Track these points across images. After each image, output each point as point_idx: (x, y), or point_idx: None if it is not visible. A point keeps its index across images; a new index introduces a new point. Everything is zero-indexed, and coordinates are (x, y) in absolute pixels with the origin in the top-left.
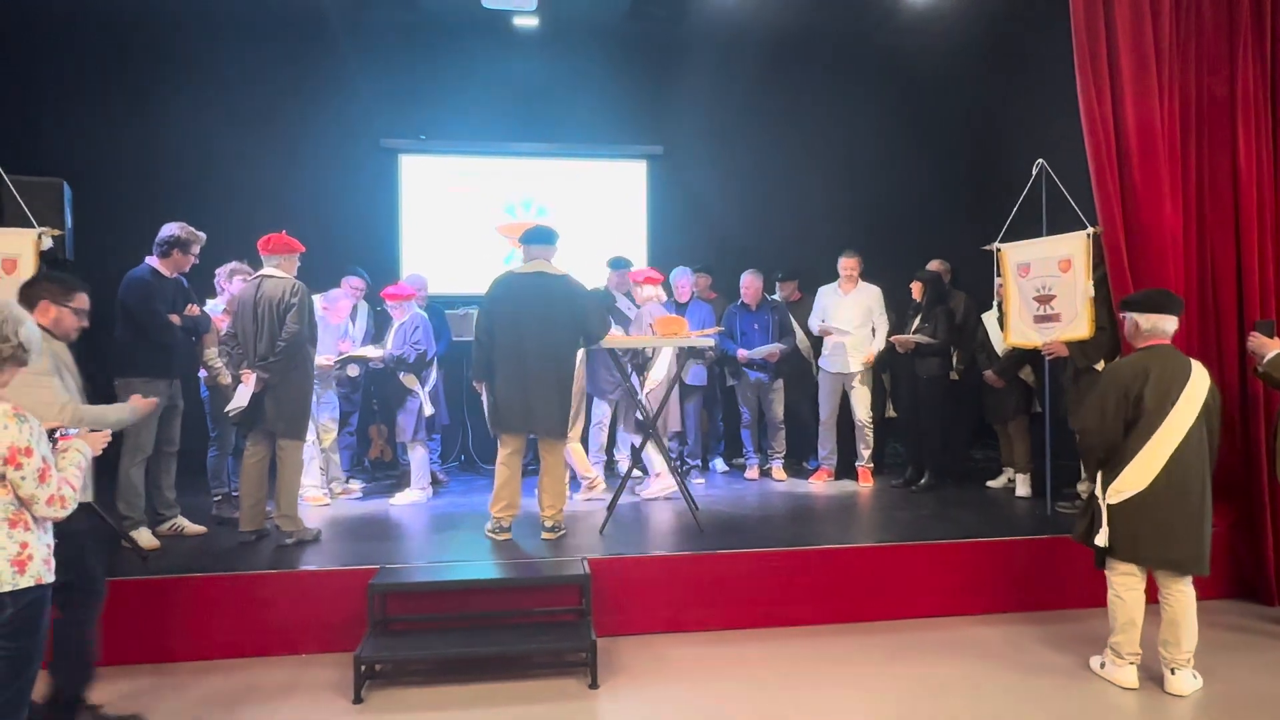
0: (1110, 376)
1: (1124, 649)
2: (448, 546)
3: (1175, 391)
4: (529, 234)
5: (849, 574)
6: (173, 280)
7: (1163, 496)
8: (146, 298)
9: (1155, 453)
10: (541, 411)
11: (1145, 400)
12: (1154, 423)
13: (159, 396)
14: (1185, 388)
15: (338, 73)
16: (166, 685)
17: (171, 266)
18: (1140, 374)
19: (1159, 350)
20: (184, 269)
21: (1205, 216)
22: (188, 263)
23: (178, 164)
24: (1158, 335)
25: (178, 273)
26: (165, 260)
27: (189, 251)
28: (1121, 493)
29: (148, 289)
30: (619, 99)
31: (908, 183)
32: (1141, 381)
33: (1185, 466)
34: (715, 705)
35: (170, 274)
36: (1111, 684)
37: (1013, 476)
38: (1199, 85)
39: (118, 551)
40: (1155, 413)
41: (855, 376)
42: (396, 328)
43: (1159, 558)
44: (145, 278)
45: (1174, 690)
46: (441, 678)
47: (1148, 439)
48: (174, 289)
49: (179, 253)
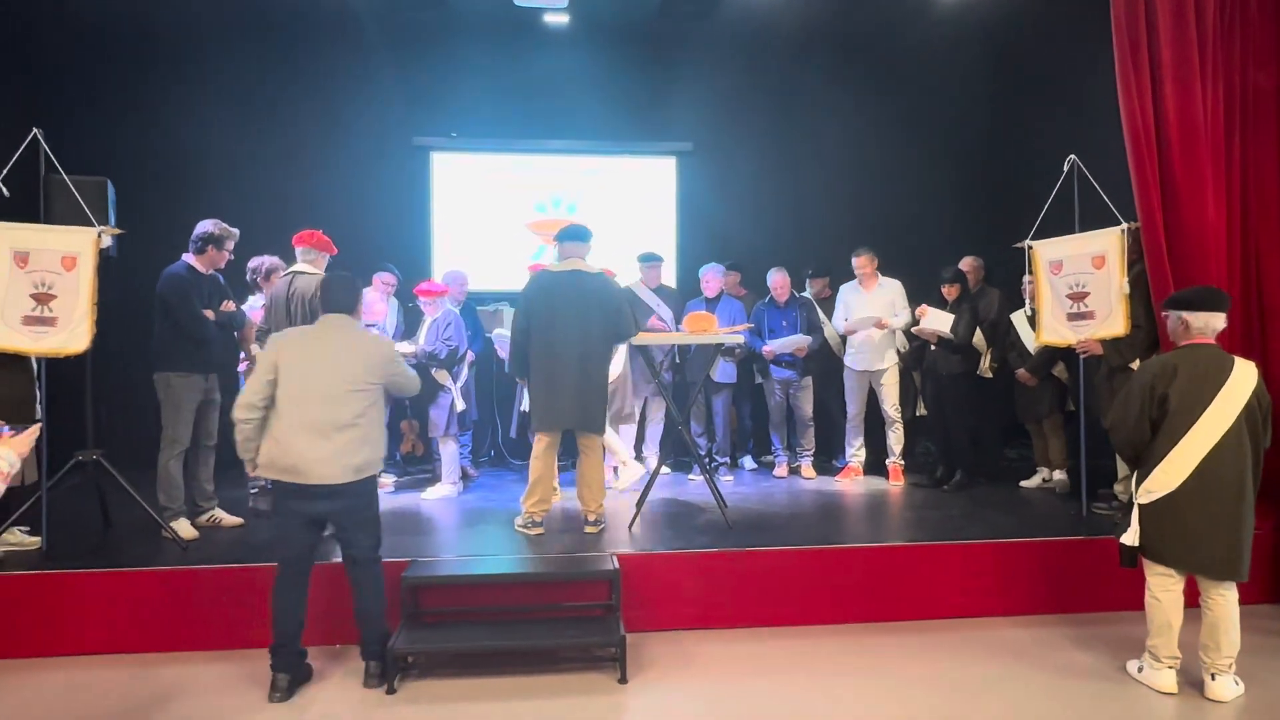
0: (1138, 375)
1: (1161, 652)
2: (479, 541)
3: (1209, 392)
4: (564, 232)
5: (878, 573)
6: (209, 277)
7: (1192, 499)
8: (183, 293)
9: (1186, 454)
10: (578, 407)
11: (1170, 400)
12: (1183, 423)
13: (195, 391)
14: (1223, 388)
15: (370, 72)
16: (208, 673)
17: (207, 263)
18: (1167, 373)
19: (1195, 349)
20: (219, 265)
21: (1249, 212)
22: (223, 259)
23: (212, 163)
24: (1207, 334)
25: (213, 269)
26: (201, 257)
27: (224, 248)
28: (1151, 493)
29: (184, 285)
30: (648, 96)
31: (937, 179)
32: (1167, 381)
33: (1220, 469)
34: (744, 702)
35: (206, 270)
36: (1150, 688)
37: (1048, 476)
38: (1244, 77)
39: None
40: (1184, 413)
41: (882, 373)
42: (430, 324)
43: (1186, 560)
44: (182, 274)
45: (1214, 696)
46: (472, 670)
47: (1177, 440)
48: (210, 285)
49: (214, 249)
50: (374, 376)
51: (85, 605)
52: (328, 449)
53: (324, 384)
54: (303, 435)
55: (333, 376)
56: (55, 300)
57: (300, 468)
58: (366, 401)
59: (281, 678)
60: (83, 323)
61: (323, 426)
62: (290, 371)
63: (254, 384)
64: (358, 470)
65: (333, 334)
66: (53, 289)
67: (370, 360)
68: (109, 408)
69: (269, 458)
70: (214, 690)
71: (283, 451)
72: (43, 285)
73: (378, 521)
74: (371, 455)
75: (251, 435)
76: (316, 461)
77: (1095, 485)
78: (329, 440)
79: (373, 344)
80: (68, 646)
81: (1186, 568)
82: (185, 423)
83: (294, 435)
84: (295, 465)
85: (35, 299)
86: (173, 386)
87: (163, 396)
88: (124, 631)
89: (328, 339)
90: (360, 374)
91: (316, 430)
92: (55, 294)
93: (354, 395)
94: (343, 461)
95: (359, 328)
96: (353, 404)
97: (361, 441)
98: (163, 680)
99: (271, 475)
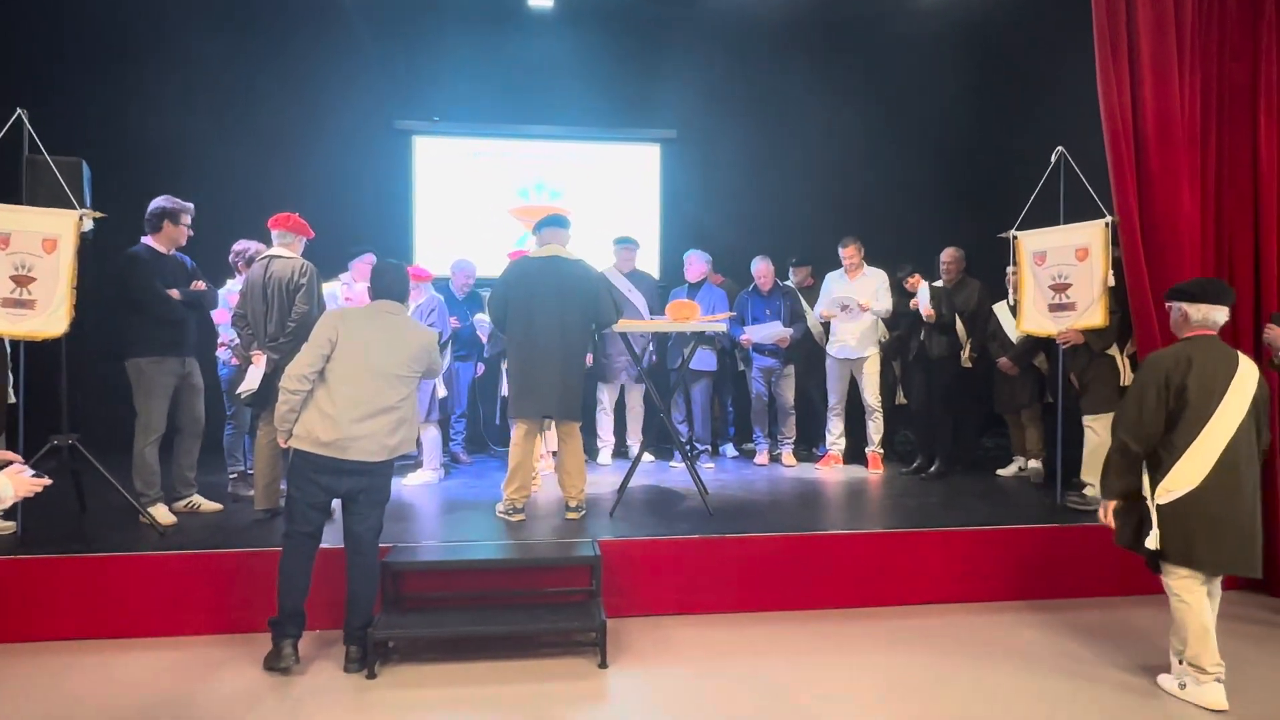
0: (1149, 367)
1: (1205, 661)
2: (460, 527)
3: (1222, 384)
4: (543, 220)
5: (857, 560)
6: (171, 257)
7: (1216, 494)
8: (143, 273)
9: (1206, 447)
10: (557, 395)
11: (1189, 391)
12: (1202, 416)
13: (168, 375)
14: (1233, 380)
15: (352, 54)
16: (186, 658)
17: (166, 241)
18: (1182, 363)
19: (1202, 341)
20: (180, 243)
21: (1224, 205)
22: (182, 235)
23: (190, 146)
24: (1207, 326)
25: (174, 248)
26: (158, 235)
27: (179, 222)
28: (1172, 491)
29: (143, 265)
30: (632, 82)
31: (920, 170)
32: (1184, 371)
33: (1236, 463)
34: (722, 686)
35: (166, 249)
36: (1197, 706)
37: (1024, 465)
38: (1220, 72)
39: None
40: (1201, 405)
41: (864, 361)
42: (413, 309)
43: (1213, 559)
44: (140, 254)
45: (1215, 704)
46: (453, 655)
47: (1196, 433)
48: (174, 266)
49: (170, 224)
50: (420, 365)
51: (61, 591)
52: (371, 428)
53: (379, 365)
54: (353, 412)
55: (387, 359)
56: (34, 283)
57: (344, 443)
58: (410, 386)
59: (288, 644)
60: (61, 306)
61: (372, 406)
62: (348, 349)
63: (310, 356)
64: (392, 450)
65: (388, 319)
66: (32, 271)
67: (418, 348)
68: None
69: (311, 430)
70: (193, 675)
71: (330, 426)
72: (22, 268)
73: (386, 504)
74: (406, 436)
75: (297, 406)
76: (360, 439)
77: (1070, 474)
78: (374, 420)
79: (422, 333)
80: (43, 632)
81: (1211, 569)
82: (159, 409)
83: (345, 411)
84: (339, 440)
85: (14, 281)
86: (144, 372)
87: (135, 383)
88: (101, 617)
89: (384, 323)
90: (409, 360)
91: (366, 409)
92: (35, 276)
93: (402, 380)
94: (382, 441)
95: (409, 315)
96: (400, 388)
97: (399, 423)
98: (140, 665)
99: (307, 447)
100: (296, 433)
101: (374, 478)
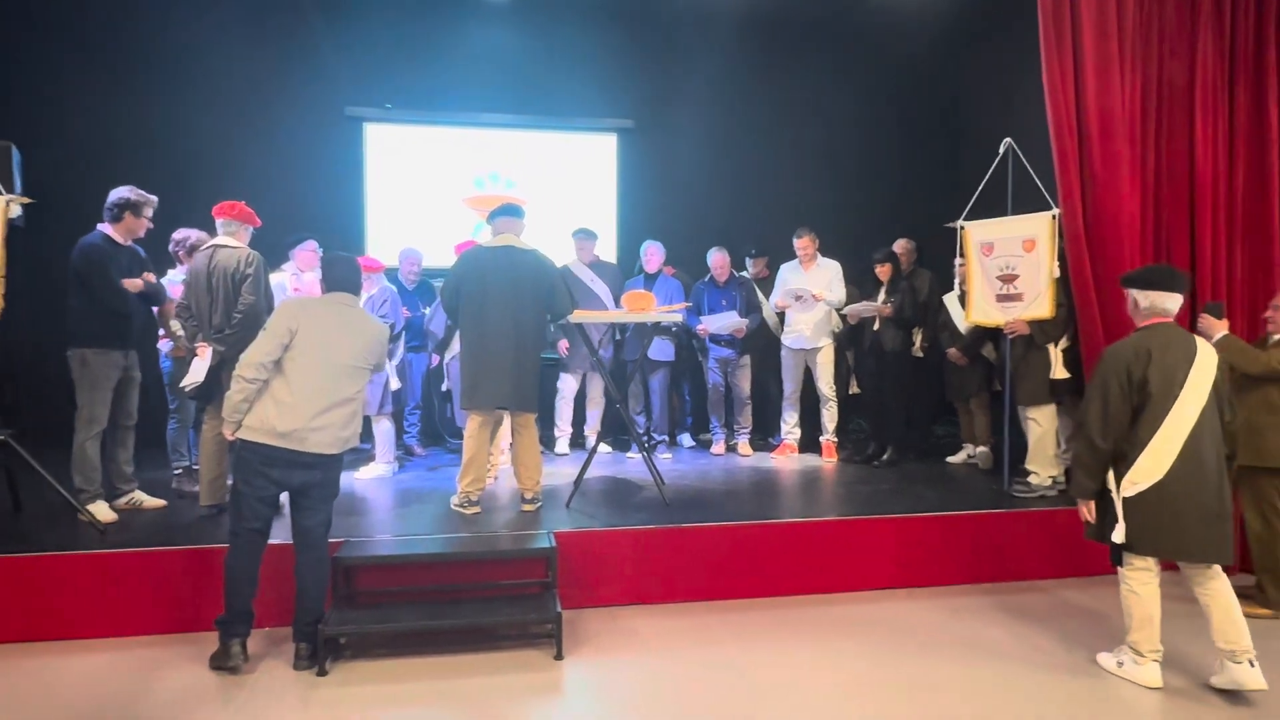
0: (1108, 361)
1: (1144, 646)
2: (414, 520)
3: (1181, 372)
4: (497, 209)
5: (811, 547)
6: (127, 248)
7: (1180, 485)
8: (100, 265)
9: (1169, 438)
10: (511, 386)
11: (1150, 384)
12: (1163, 406)
13: (113, 368)
14: (1191, 368)
15: (301, 37)
16: (130, 659)
17: (124, 232)
18: (1141, 355)
19: (1159, 329)
20: (138, 234)
21: (1162, 200)
22: (141, 226)
23: (129, 131)
24: (1157, 313)
25: (132, 239)
26: (118, 225)
27: (141, 214)
28: (1137, 484)
29: (101, 255)
30: (590, 72)
31: (878, 160)
32: (1144, 363)
33: (1201, 450)
34: (678, 674)
35: (124, 240)
36: (1133, 683)
37: (973, 452)
38: (1160, 71)
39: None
40: (1163, 396)
41: (818, 351)
42: (365, 301)
43: (1178, 549)
44: (99, 244)
45: (1252, 685)
46: (407, 650)
47: (1159, 424)
48: (129, 256)
49: (131, 216)
50: (374, 357)
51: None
52: (329, 420)
53: (337, 357)
54: (314, 403)
55: (344, 351)
56: None
57: (302, 434)
58: (364, 379)
59: (236, 643)
60: None
61: (332, 398)
62: (308, 340)
63: (269, 345)
64: (345, 443)
65: (344, 311)
66: None
67: (374, 341)
68: (16, 386)
69: (265, 421)
70: (136, 676)
71: (289, 416)
72: None
73: (337, 498)
74: (357, 429)
75: (252, 396)
76: (316, 430)
77: (1016, 461)
78: (332, 412)
79: (376, 326)
80: None
81: (1180, 557)
82: (103, 401)
83: (306, 402)
84: (297, 431)
85: None
86: (89, 364)
87: (78, 374)
88: (39, 619)
89: (340, 315)
90: (365, 352)
91: (326, 401)
92: None
93: (357, 372)
94: (337, 433)
95: (362, 308)
96: (358, 380)
97: (352, 416)
98: (82, 668)
99: (260, 439)
100: (249, 424)
101: (326, 471)
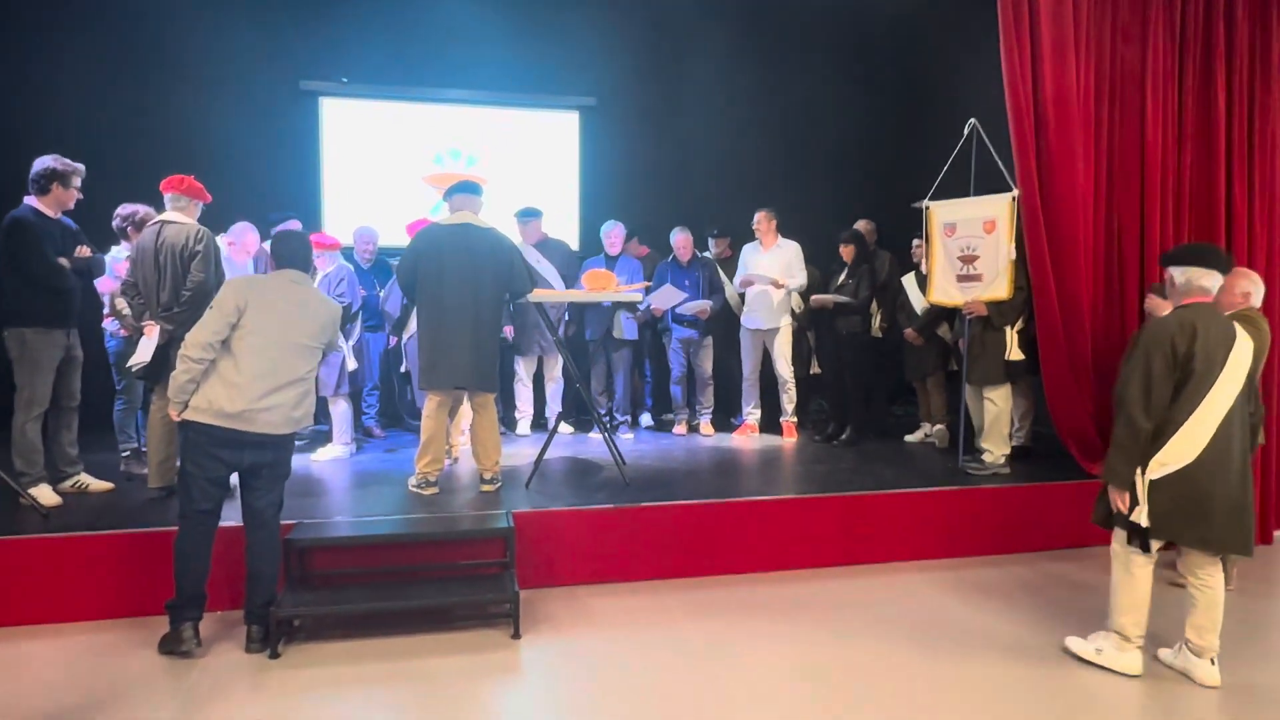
0: (1151, 334)
1: (1132, 631)
2: (371, 502)
3: (1221, 354)
4: (454, 186)
5: (769, 525)
6: (58, 220)
7: (1209, 469)
8: (31, 239)
9: (1203, 420)
10: (470, 365)
11: (1195, 360)
12: (1204, 386)
13: (55, 348)
14: (1231, 351)
15: (255, 8)
16: (78, 645)
17: (54, 204)
18: (1186, 328)
19: (1200, 308)
20: (68, 205)
21: (1115, 179)
22: (71, 198)
23: (78, 105)
24: (1194, 292)
25: (61, 211)
26: (45, 197)
27: (70, 185)
28: (1165, 466)
29: (32, 230)
30: (552, 48)
31: (841, 139)
32: (1189, 337)
33: (1231, 437)
34: (635, 653)
35: (54, 213)
36: (1112, 671)
37: (930, 430)
38: (1114, 55)
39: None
40: (1204, 375)
41: (775, 333)
42: (321, 278)
43: (1204, 538)
44: (28, 218)
45: (1208, 681)
46: (362, 632)
47: (1195, 405)
48: (60, 230)
49: (59, 187)
50: (326, 336)
51: None
52: (279, 399)
53: (288, 336)
54: (263, 383)
55: (295, 330)
56: None
57: (251, 414)
58: (316, 358)
59: (188, 627)
60: None
61: (282, 378)
62: (257, 318)
63: (215, 324)
64: (296, 423)
65: (294, 289)
66: None
67: (326, 319)
68: None
69: (214, 402)
70: (83, 663)
71: (237, 396)
72: None
73: (288, 478)
74: (309, 409)
75: (199, 376)
76: (266, 410)
77: (971, 439)
78: (282, 392)
79: (327, 305)
80: None
81: (1202, 546)
82: (44, 382)
83: (255, 382)
84: (246, 411)
85: None
86: (29, 344)
87: (16, 355)
88: None
89: (290, 293)
90: (317, 331)
91: (276, 380)
92: None
93: (311, 351)
94: (287, 413)
95: (313, 286)
96: (309, 359)
97: (304, 395)
98: (26, 655)
99: (207, 419)
100: (195, 404)
101: (277, 451)
